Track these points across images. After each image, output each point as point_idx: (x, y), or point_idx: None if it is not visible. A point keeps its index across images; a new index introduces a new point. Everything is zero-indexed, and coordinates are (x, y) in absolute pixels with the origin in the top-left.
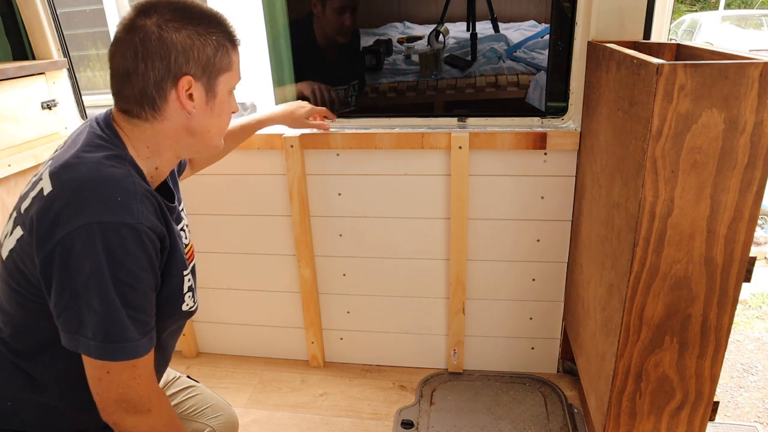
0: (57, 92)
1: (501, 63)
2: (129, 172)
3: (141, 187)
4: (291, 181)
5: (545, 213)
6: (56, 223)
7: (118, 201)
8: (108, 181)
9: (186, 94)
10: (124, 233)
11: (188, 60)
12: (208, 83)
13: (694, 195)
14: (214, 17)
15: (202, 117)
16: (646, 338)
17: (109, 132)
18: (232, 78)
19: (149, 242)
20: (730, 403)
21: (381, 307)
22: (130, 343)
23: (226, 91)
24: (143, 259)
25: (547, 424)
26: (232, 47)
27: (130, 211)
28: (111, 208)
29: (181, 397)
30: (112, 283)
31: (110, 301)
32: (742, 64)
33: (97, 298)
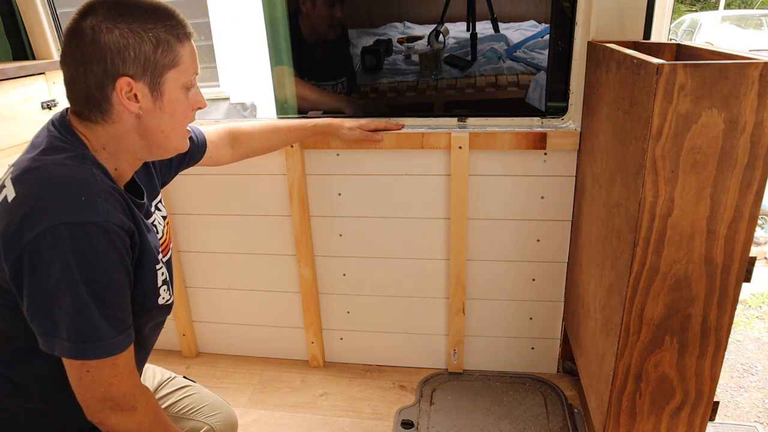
0: (57, 92)
1: (501, 63)
2: (91, 171)
3: (105, 185)
4: (291, 181)
5: (545, 213)
6: (22, 228)
7: (82, 200)
8: (71, 181)
9: (127, 96)
10: (91, 232)
11: (124, 60)
12: (152, 82)
13: (694, 195)
14: (155, 12)
15: (152, 117)
16: (646, 338)
17: (67, 134)
18: (181, 74)
19: (118, 239)
20: (730, 403)
21: (381, 307)
22: (105, 342)
23: (177, 87)
24: (113, 256)
25: (547, 424)
26: (177, 41)
27: (96, 209)
28: (76, 208)
29: (177, 397)
30: (82, 282)
31: (81, 301)
32: (742, 64)
33: (67, 298)
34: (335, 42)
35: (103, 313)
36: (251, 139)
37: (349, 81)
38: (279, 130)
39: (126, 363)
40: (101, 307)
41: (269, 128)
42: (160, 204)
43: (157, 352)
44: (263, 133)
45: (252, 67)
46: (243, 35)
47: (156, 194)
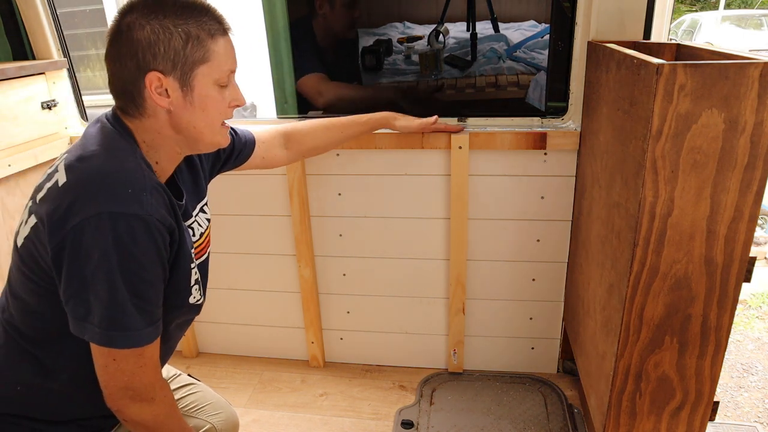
0: (57, 92)
1: (501, 63)
2: (140, 165)
3: (151, 181)
4: (291, 181)
5: (545, 213)
6: (69, 213)
7: (128, 193)
8: (119, 173)
9: (157, 91)
10: (133, 224)
11: (155, 55)
12: (182, 77)
13: (694, 195)
14: (188, 8)
15: (183, 112)
16: (646, 338)
17: (121, 129)
18: (213, 69)
19: (158, 234)
20: (730, 403)
21: (381, 307)
22: (134, 332)
23: (208, 83)
24: (152, 249)
25: (547, 424)
26: (209, 37)
27: (140, 202)
28: (122, 199)
29: (182, 394)
30: (119, 272)
31: (117, 290)
32: (742, 64)
33: (104, 286)
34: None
35: (136, 304)
36: (304, 137)
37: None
38: (332, 127)
39: (151, 355)
40: (135, 299)
41: (322, 126)
42: (205, 207)
43: None
44: (316, 131)
45: (252, 67)
46: (243, 36)
47: (201, 196)
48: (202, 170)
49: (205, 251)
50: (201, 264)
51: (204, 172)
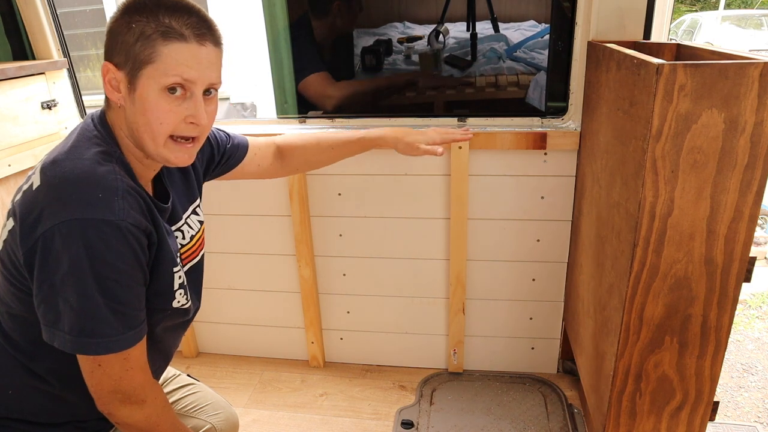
0: (57, 92)
1: (501, 63)
2: (113, 169)
3: (123, 184)
4: (291, 181)
5: (545, 213)
6: (39, 218)
7: (99, 198)
8: (90, 177)
9: (111, 83)
10: (104, 229)
11: (113, 46)
12: (131, 74)
13: (694, 195)
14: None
15: (129, 111)
16: (646, 338)
17: (102, 129)
18: (158, 72)
19: (132, 237)
20: (730, 403)
21: (381, 307)
22: (111, 338)
23: (152, 86)
24: (127, 253)
25: (547, 424)
26: (161, 38)
27: (111, 208)
28: (91, 205)
29: (181, 394)
30: (92, 278)
31: (88, 297)
32: (742, 64)
33: (73, 293)
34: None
35: (114, 308)
36: (294, 152)
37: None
38: (322, 146)
39: (137, 358)
40: (110, 303)
41: (312, 143)
42: (198, 209)
43: None
44: (306, 148)
45: (252, 67)
46: (243, 36)
47: (194, 198)
48: (195, 171)
49: (197, 254)
50: (193, 267)
51: (197, 174)
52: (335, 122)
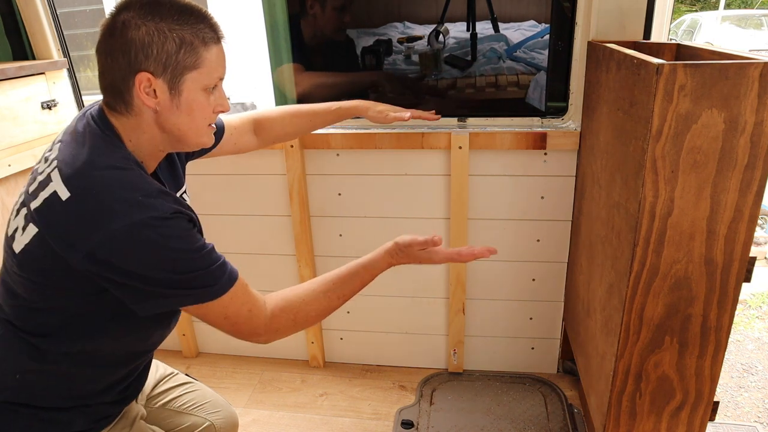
0: (57, 92)
1: (501, 63)
2: (139, 174)
3: (155, 186)
4: (291, 181)
5: (545, 213)
6: (84, 233)
7: (140, 200)
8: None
9: (145, 90)
10: (156, 224)
11: (147, 57)
12: (172, 81)
13: (694, 195)
14: (185, 13)
15: (169, 114)
16: (646, 338)
17: (107, 130)
18: (203, 76)
19: (182, 221)
20: (730, 403)
21: (381, 307)
22: (223, 279)
23: (196, 88)
24: (186, 233)
25: (547, 424)
26: (202, 44)
27: (154, 206)
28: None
29: (179, 392)
30: (167, 269)
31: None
32: (742, 64)
33: (165, 283)
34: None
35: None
36: (273, 124)
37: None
38: (301, 114)
39: (245, 286)
40: (199, 268)
41: (290, 113)
42: (185, 194)
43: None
44: (284, 117)
45: (252, 67)
46: (243, 35)
47: (180, 184)
48: (179, 158)
49: None
50: None
51: (181, 160)
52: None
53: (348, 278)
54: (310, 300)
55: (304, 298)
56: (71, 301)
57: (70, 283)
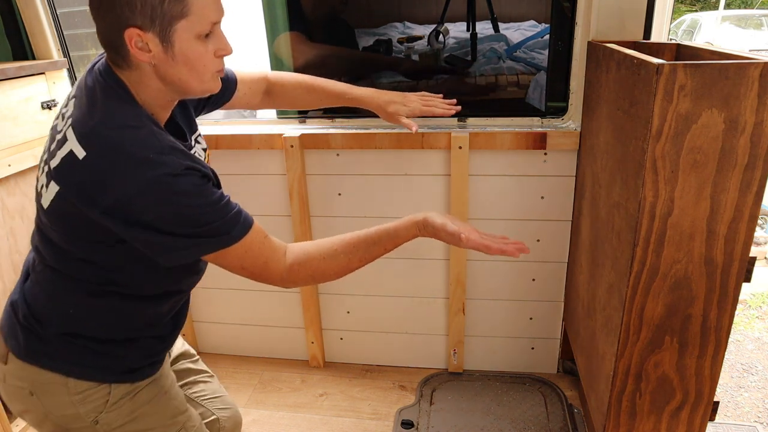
0: (57, 92)
1: (501, 63)
2: (151, 130)
3: (166, 140)
4: (291, 181)
5: (545, 213)
6: (102, 189)
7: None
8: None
9: (137, 46)
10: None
11: (133, 11)
12: (162, 33)
13: (694, 195)
14: None
15: (167, 67)
16: (646, 338)
17: (116, 86)
18: (193, 24)
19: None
20: (730, 403)
21: (381, 307)
22: (239, 223)
23: (190, 38)
24: (198, 185)
25: (547, 424)
26: None
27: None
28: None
29: (197, 378)
30: (184, 224)
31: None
32: (742, 64)
33: (182, 234)
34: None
35: (216, 221)
36: (285, 92)
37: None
38: (314, 90)
39: (260, 230)
40: (212, 220)
41: (304, 86)
42: (199, 137)
43: None
44: (297, 88)
45: (251, 67)
46: (243, 34)
47: (194, 129)
48: (190, 102)
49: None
50: None
51: (191, 107)
52: (335, 122)
53: (371, 243)
54: (330, 259)
55: (324, 257)
56: (101, 251)
57: (97, 236)
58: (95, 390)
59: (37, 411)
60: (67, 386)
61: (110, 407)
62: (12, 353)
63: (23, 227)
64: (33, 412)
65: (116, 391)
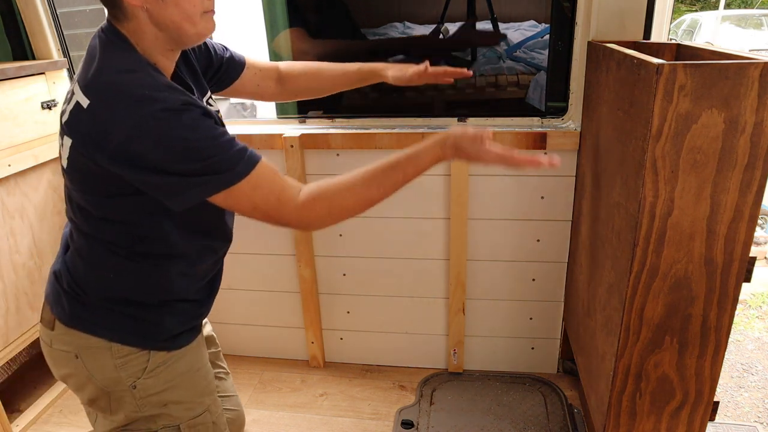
0: (57, 92)
1: (501, 63)
2: (149, 73)
3: (163, 80)
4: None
5: (545, 213)
6: (107, 131)
7: (147, 95)
8: (135, 84)
9: None
10: (165, 115)
11: None
12: None
13: (694, 195)
14: None
15: (159, 10)
16: (646, 338)
17: (117, 38)
18: None
19: (196, 111)
20: (730, 403)
21: (381, 307)
22: (243, 157)
23: None
24: (197, 119)
25: (547, 424)
26: None
27: (162, 99)
28: (146, 102)
29: (218, 372)
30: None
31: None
32: (742, 64)
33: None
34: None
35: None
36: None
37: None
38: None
39: (268, 166)
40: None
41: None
42: (210, 100)
43: None
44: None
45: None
46: (243, 35)
47: (204, 90)
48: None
49: None
50: None
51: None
52: (335, 122)
53: (389, 168)
54: (347, 190)
55: (340, 188)
56: (120, 206)
57: (112, 188)
58: (135, 356)
59: (80, 374)
60: (110, 350)
61: (148, 374)
62: (58, 320)
63: (23, 227)
64: (76, 375)
65: (154, 358)
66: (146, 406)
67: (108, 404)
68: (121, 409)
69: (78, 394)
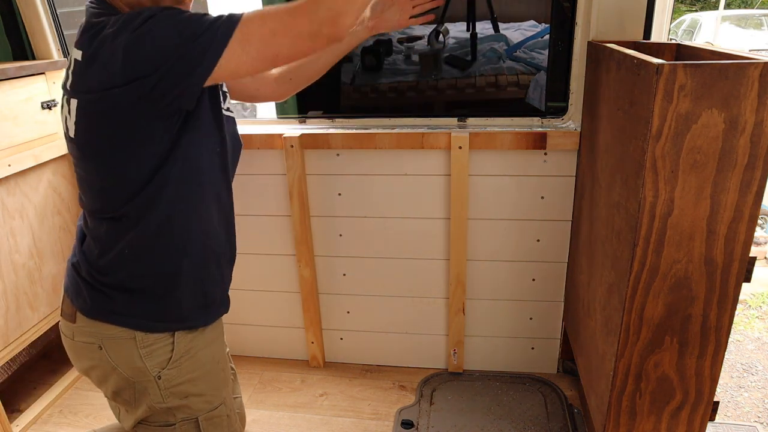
0: (57, 92)
1: (501, 63)
2: None
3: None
4: (291, 181)
5: (545, 213)
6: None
7: (132, 12)
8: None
9: None
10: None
11: None
12: None
13: (694, 195)
14: None
15: None
16: (646, 338)
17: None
18: None
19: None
20: (730, 403)
21: (381, 307)
22: (226, 15)
23: None
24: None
25: (547, 424)
26: None
27: (149, 8)
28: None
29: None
30: (179, 31)
31: (199, 21)
32: (742, 64)
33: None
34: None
35: (209, 18)
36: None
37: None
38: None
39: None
40: (206, 20)
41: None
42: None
43: None
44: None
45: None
46: None
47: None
48: None
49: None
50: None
51: None
52: (335, 122)
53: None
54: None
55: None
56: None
57: (120, 142)
58: (160, 345)
59: (104, 366)
60: (135, 339)
61: (172, 364)
62: (80, 312)
63: (23, 227)
64: (100, 367)
65: (178, 346)
66: (170, 396)
67: (133, 396)
68: (144, 401)
69: (101, 387)
